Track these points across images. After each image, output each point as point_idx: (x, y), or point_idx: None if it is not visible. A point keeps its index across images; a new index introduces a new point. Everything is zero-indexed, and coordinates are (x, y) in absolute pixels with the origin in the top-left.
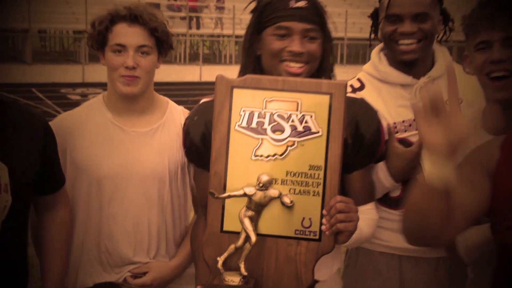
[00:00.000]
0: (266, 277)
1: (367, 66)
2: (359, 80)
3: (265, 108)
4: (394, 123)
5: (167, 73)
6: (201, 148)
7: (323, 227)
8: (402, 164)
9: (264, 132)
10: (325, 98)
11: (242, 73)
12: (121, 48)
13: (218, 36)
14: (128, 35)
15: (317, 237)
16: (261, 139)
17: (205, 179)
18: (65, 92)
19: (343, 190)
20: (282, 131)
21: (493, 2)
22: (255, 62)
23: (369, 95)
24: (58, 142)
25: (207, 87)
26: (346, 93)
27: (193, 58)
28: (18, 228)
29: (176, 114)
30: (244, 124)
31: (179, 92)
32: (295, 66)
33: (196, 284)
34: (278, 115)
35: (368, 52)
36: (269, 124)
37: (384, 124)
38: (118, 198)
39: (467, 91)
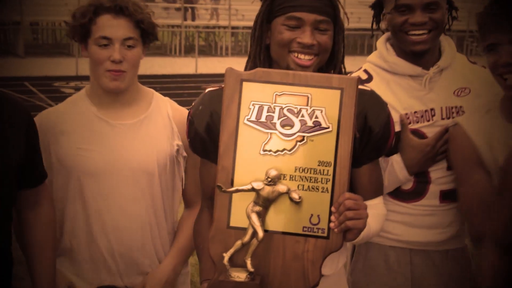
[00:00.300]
0: (272, 274)
1: (373, 57)
2: (366, 71)
3: (275, 102)
4: (406, 114)
5: (162, 65)
6: (205, 138)
7: (332, 225)
8: (417, 156)
9: (273, 126)
10: (336, 93)
11: (251, 62)
12: (106, 41)
13: (214, 27)
14: (114, 27)
15: (325, 234)
16: (270, 134)
17: (209, 170)
18: (58, 85)
19: (351, 184)
20: (291, 126)
21: (499, 3)
22: (265, 52)
23: (377, 87)
24: (41, 138)
25: (203, 79)
26: (357, 88)
27: (189, 50)
28: (2, 218)
29: (162, 105)
30: (253, 118)
31: (175, 84)
32: (304, 58)
33: (200, 279)
34: (288, 110)
35: (367, 43)
36: (278, 119)
37: (396, 116)
38: (106, 194)
39: (474, 81)
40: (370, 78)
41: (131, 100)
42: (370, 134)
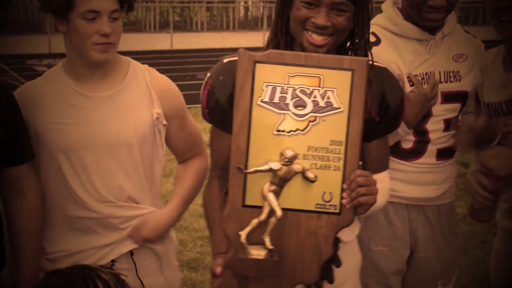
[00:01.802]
0: (287, 250)
1: (381, 20)
2: (373, 34)
3: (288, 83)
4: (408, 77)
5: (137, 41)
6: (227, 109)
7: (344, 201)
8: (415, 109)
9: (286, 107)
10: (347, 74)
11: (273, 34)
12: (94, 15)
13: (189, 2)
14: (100, 0)
15: (337, 210)
16: (283, 114)
17: (224, 141)
18: (31, 63)
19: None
20: (304, 106)
21: None
22: (287, 25)
23: (385, 50)
24: (22, 113)
25: (178, 55)
26: (367, 69)
27: (163, 26)
28: None
29: (139, 73)
30: (266, 99)
31: (150, 61)
32: (317, 38)
33: (212, 252)
34: (301, 91)
35: None
36: (291, 99)
37: (399, 76)
38: (85, 168)
39: (469, 48)
40: (378, 41)
41: (109, 71)
42: (387, 110)
